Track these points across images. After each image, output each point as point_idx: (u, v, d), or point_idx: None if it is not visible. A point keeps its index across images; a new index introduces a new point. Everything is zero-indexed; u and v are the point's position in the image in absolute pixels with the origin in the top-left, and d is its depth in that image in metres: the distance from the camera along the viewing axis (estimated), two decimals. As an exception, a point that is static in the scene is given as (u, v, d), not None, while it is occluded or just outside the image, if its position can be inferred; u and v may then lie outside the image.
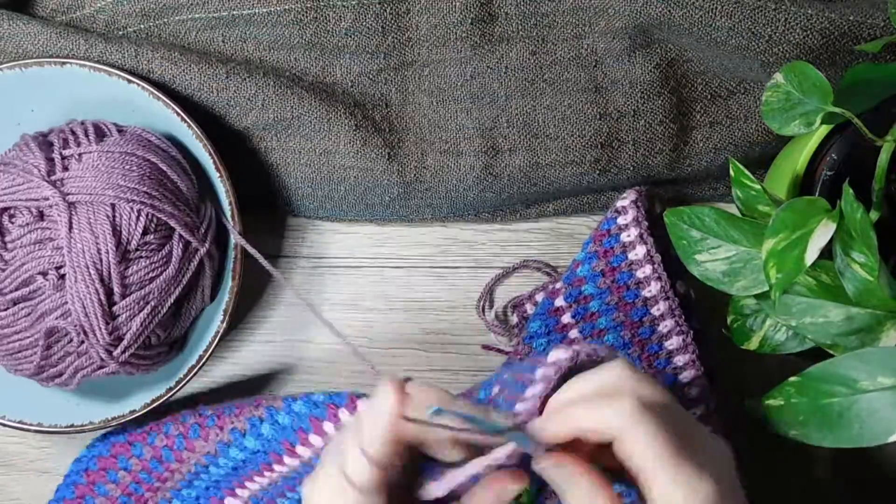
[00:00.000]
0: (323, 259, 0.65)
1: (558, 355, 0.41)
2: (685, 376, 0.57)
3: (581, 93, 0.60)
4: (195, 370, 0.59)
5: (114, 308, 0.54)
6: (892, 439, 0.42)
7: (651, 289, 0.58)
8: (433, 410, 0.38)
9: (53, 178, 0.54)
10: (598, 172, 0.61)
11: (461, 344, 0.64)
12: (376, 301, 0.64)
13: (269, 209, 0.64)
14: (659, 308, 0.58)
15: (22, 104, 0.60)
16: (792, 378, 0.45)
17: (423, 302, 0.64)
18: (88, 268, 0.53)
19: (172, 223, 0.56)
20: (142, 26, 0.62)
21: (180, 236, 0.56)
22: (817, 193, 0.51)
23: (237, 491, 0.60)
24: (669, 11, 0.57)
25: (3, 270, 0.54)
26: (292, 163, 0.62)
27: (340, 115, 0.61)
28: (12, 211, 0.55)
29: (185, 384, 0.59)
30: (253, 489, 0.59)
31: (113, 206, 0.54)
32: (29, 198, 0.54)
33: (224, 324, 0.59)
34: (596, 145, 0.60)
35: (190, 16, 0.62)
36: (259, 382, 0.64)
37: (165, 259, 0.56)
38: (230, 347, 0.65)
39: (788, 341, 0.50)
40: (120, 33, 0.62)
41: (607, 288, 0.58)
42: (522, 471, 0.40)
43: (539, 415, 0.40)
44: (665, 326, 0.58)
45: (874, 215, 0.46)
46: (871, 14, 0.56)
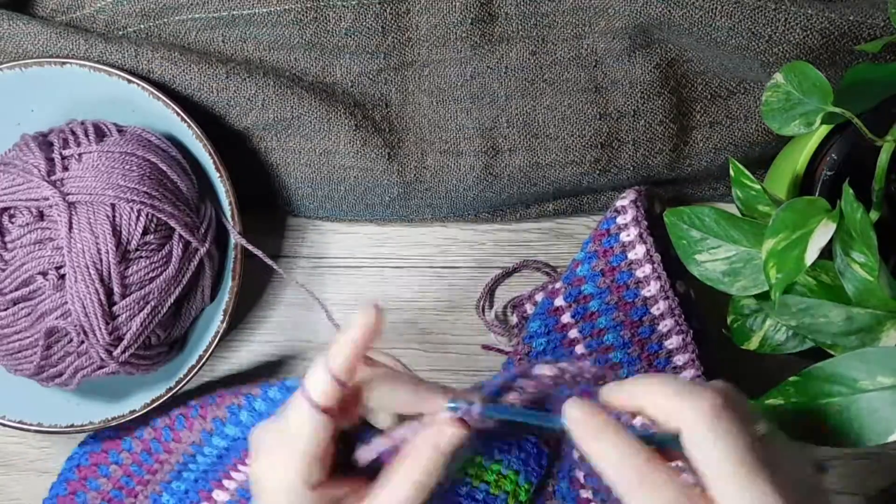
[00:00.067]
0: (323, 259, 0.65)
1: (542, 370, 0.42)
2: (685, 375, 0.57)
3: (581, 93, 0.60)
4: (195, 370, 0.59)
5: (114, 308, 0.54)
6: (892, 439, 0.42)
7: (651, 288, 0.58)
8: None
9: (53, 178, 0.54)
10: (598, 172, 0.61)
11: (461, 344, 0.64)
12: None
13: (269, 209, 0.64)
14: (659, 307, 0.58)
15: (22, 104, 0.60)
16: (792, 378, 0.45)
17: (423, 302, 0.64)
18: (88, 268, 0.53)
19: (172, 223, 0.56)
20: (142, 26, 0.62)
21: (180, 236, 0.56)
22: (817, 193, 0.51)
23: (224, 482, 0.60)
24: (669, 11, 0.57)
25: (3, 270, 0.54)
26: (292, 163, 0.62)
27: (340, 115, 0.61)
28: (12, 211, 0.55)
29: (185, 384, 0.59)
30: (240, 480, 0.60)
31: (113, 206, 0.54)
32: (29, 198, 0.54)
33: (224, 324, 0.59)
34: (596, 145, 0.60)
35: (190, 16, 0.62)
36: (259, 383, 0.64)
37: (165, 259, 0.56)
38: (230, 347, 0.65)
39: (788, 341, 0.50)
40: (120, 33, 0.62)
41: (607, 287, 0.58)
42: (463, 420, 0.40)
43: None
44: (665, 326, 0.58)
45: (874, 215, 0.46)
46: (871, 14, 0.56)
